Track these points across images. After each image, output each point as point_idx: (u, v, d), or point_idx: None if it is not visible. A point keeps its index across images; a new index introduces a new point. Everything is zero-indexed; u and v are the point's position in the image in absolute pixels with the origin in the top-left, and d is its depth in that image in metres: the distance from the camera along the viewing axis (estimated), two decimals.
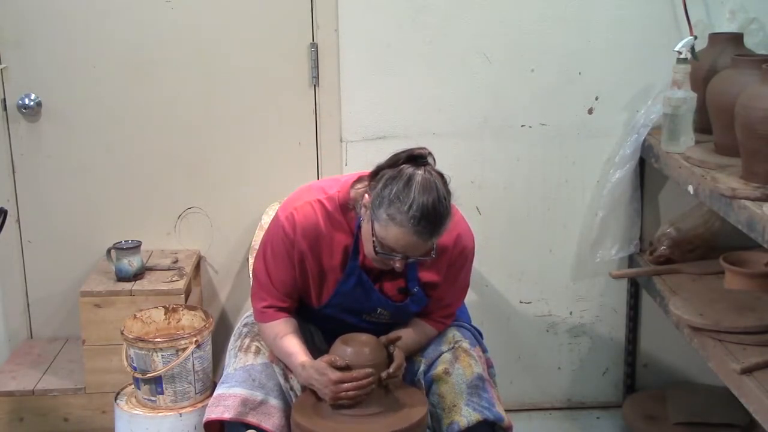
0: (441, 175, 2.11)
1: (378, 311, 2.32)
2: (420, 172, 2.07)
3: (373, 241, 2.11)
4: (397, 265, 2.14)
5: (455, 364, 2.31)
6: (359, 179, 2.26)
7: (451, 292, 2.38)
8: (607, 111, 3.03)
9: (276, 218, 2.30)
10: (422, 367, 2.35)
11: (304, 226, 2.23)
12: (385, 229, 2.07)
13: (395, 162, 2.11)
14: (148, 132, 3.04)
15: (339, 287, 2.28)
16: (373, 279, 2.28)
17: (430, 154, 2.13)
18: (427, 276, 2.30)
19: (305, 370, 2.19)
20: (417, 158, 2.11)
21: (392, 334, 2.24)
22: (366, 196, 2.13)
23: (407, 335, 2.31)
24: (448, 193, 2.10)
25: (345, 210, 2.25)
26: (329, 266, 2.27)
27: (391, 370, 2.16)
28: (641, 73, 2.99)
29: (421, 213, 2.03)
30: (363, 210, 2.15)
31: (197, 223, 3.12)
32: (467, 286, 2.45)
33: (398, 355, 2.20)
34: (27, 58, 2.97)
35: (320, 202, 2.25)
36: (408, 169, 2.08)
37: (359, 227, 2.21)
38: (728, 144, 2.45)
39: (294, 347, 2.25)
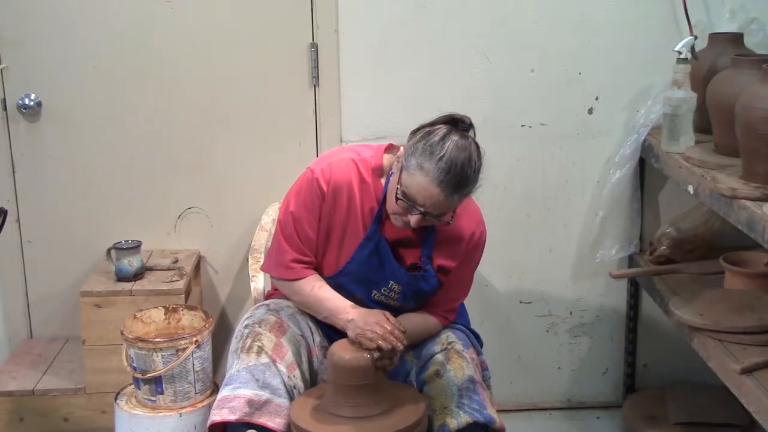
0: (477, 146, 2.18)
1: (390, 284, 2.32)
2: (458, 135, 2.15)
3: (397, 189, 2.16)
4: (414, 219, 2.16)
5: (447, 365, 2.31)
6: (390, 147, 2.35)
7: (458, 284, 2.41)
8: (607, 111, 3.03)
9: (308, 171, 2.33)
10: (414, 369, 2.36)
11: (338, 181, 2.28)
12: (411, 177, 2.13)
13: (435, 122, 2.20)
14: (148, 132, 3.04)
15: (357, 252, 2.30)
16: (390, 248, 2.31)
17: (471, 124, 2.21)
18: (443, 261, 2.33)
19: (360, 312, 2.25)
20: (457, 122, 2.19)
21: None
22: (401, 149, 2.20)
23: (413, 321, 2.33)
24: (480, 163, 2.16)
25: (375, 175, 2.31)
26: (351, 228, 2.30)
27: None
28: (641, 73, 2.99)
29: (449, 166, 2.10)
30: (395, 163, 2.21)
31: (197, 223, 3.12)
32: (471, 281, 2.47)
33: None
34: (27, 58, 2.97)
35: (355, 162, 2.31)
36: (445, 128, 2.17)
37: (385, 195, 2.27)
38: (728, 144, 2.45)
39: (336, 293, 2.32)
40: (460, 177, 2.11)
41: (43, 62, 2.97)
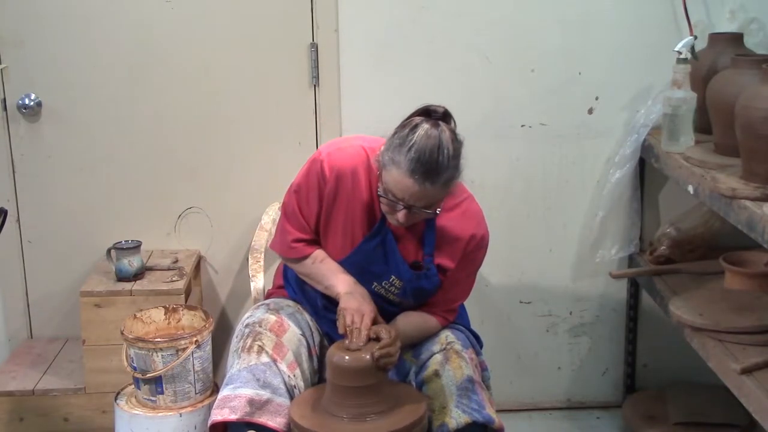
0: (453, 133, 2.16)
1: (391, 279, 2.32)
2: (428, 124, 2.13)
3: (378, 187, 2.17)
4: (401, 215, 2.16)
5: (446, 365, 2.31)
6: None
7: (459, 284, 2.40)
8: (607, 111, 3.03)
9: (317, 153, 2.34)
10: (413, 368, 2.36)
11: (342, 167, 2.28)
12: (388, 173, 2.13)
13: (410, 115, 2.19)
14: (148, 132, 3.04)
15: (363, 243, 2.30)
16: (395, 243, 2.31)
17: (446, 112, 2.19)
18: (442, 261, 2.33)
19: (353, 295, 2.24)
20: (430, 113, 2.18)
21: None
22: (381, 147, 2.19)
23: (412, 321, 2.34)
24: (455, 149, 2.13)
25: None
26: (354, 213, 2.30)
27: (384, 339, 2.18)
28: (641, 73, 2.99)
29: (418, 155, 2.08)
30: (378, 163, 2.20)
31: (197, 223, 3.12)
32: (473, 283, 2.47)
33: (385, 333, 2.20)
34: (27, 58, 2.97)
35: (365, 150, 2.31)
36: (417, 119, 2.15)
37: None
38: (728, 144, 2.45)
39: (339, 267, 2.31)
40: (430, 165, 2.09)
41: (43, 62, 2.97)
